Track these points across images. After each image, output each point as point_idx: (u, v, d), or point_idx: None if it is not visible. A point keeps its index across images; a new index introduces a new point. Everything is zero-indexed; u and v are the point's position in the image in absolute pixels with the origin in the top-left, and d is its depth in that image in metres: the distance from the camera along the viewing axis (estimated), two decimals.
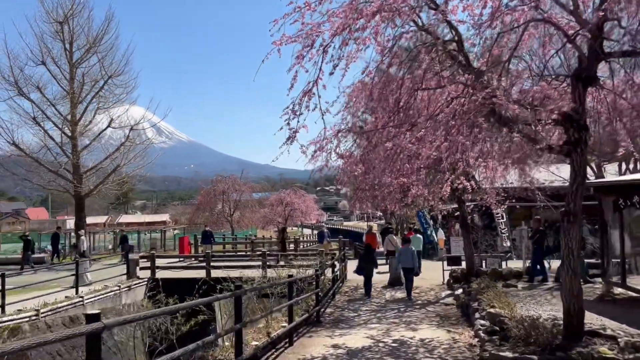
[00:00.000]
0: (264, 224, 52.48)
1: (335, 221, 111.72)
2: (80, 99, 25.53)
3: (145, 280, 18.55)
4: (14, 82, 23.70)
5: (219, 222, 40.90)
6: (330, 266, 15.07)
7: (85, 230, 23.34)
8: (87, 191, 25.38)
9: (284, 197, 50.71)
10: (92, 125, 26.04)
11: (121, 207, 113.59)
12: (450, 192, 13.61)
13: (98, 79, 25.50)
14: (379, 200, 14.76)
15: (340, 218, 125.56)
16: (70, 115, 25.06)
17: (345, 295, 15.55)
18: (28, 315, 12.48)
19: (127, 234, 40.62)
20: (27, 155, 24.14)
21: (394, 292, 15.94)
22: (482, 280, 13.28)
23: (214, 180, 41.65)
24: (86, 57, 25.27)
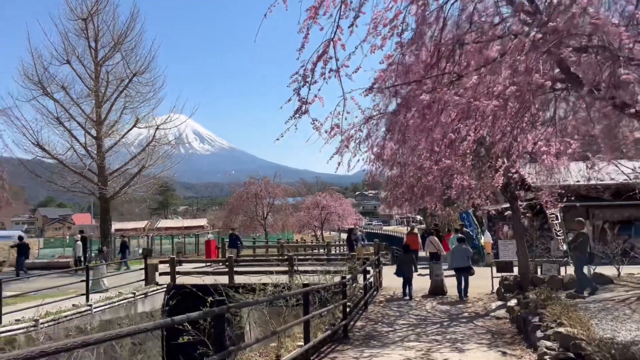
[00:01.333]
0: (299, 227, 51.22)
1: (374, 226, 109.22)
2: (105, 99, 24.72)
3: (164, 287, 17.27)
4: (38, 81, 23.09)
5: (252, 225, 39.68)
6: (362, 272, 13.29)
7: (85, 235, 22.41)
8: (112, 193, 24.50)
9: (319, 201, 49.25)
10: (118, 126, 25.20)
11: (161, 212, 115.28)
12: (502, 186, 11.65)
13: (123, 78, 24.65)
14: (417, 197, 12.90)
15: (379, 223, 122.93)
16: (95, 115, 24.26)
17: (379, 305, 13.72)
18: (25, 326, 11.26)
19: (158, 237, 40.05)
20: (51, 156, 23.46)
21: (435, 302, 14.00)
22: (541, 290, 11.24)
23: (246, 183, 40.49)
24: (111, 55, 24.48)
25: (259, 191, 38.81)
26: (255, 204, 38.82)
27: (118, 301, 14.62)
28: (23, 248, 21.55)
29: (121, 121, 25.25)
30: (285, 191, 42.64)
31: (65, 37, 23.73)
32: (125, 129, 25.52)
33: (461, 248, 14.62)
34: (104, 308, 13.99)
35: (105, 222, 24.45)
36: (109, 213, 24.77)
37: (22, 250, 21.44)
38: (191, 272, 17.86)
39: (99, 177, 24.13)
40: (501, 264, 15.48)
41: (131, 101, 25.34)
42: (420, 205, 14.90)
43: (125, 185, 24.88)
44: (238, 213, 40.10)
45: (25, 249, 21.61)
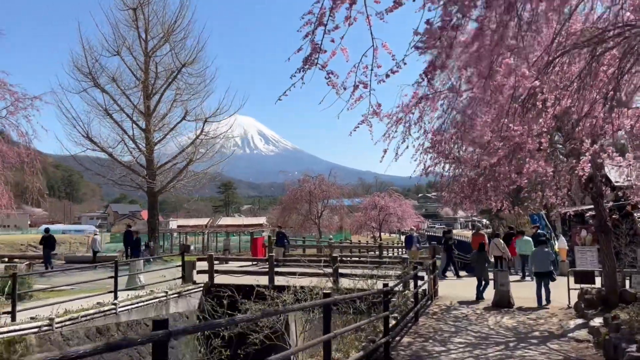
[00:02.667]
0: (356, 228, 49.49)
1: (437, 229, 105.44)
2: (155, 91, 24.21)
3: (201, 286, 16.20)
4: (89, 72, 22.87)
5: (306, 225, 38.39)
6: (412, 278, 11.50)
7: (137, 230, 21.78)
8: (159, 187, 23.94)
9: (377, 201, 47.24)
10: (167, 119, 24.63)
11: (223, 211, 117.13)
12: (586, 180, 9.53)
13: (172, 69, 24.05)
14: (480, 191, 10.94)
15: (442, 226, 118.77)
16: (143, 107, 23.80)
17: (432, 317, 11.85)
18: (37, 325, 10.35)
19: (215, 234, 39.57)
20: (101, 149, 23.20)
21: (499, 316, 11.95)
22: (636, 309, 9.04)
23: (300, 180, 39.25)
24: (160, 46, 23.95)
25: (312, 189, 37.46)
26: (310, 203, 37.48)
27: (147, 300, 13.60)
28: (49, 241, 21.27)
29: (171, 114, 24.70)
30: (340, 190, 40.98)
31: (116, 27, 23.49)
32: (175, 122, 24.91)
33: (542, 251, 13.47)
34: (132, 307, 13.00)
35: (153, 217, 23.94)
36: (157, 207, 24.26)
37: (49, 243, 21.16)
38: (230, 271, 16.70)
39: (147, 171, 23.64)
40: (580, 274, 13.16)
41: (181, 93, 24.71)
42: (483, 203, 12.86)
43: (172, 180, 24.29)
44: (292, 212, 38.94)
45: (52, 242, 21.32)
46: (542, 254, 13.42)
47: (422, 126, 10.46)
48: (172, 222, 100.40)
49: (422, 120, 10.33)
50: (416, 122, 10.35)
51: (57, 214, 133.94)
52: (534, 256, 13.90)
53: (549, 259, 13.40)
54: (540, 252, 13.52)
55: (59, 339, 10.62)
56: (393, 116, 10.39)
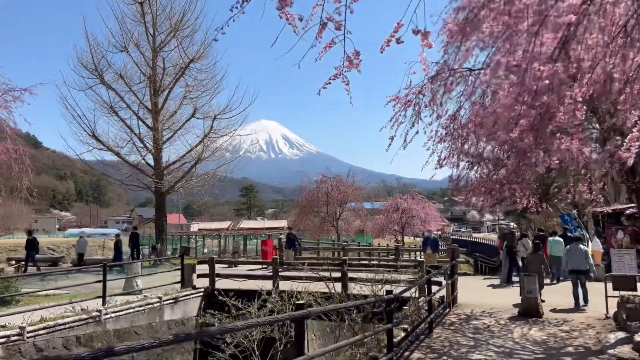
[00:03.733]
0: (378, 231, 47.98)
1: (463, 232, 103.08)
2: (163, 87, 23.36)
3: (201, 291, 15.11)
4: (95, 69, 22.14)
5: (324, 227, 37.12)
6: (426, 284, 10.14)
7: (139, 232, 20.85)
8: (167, 188, 23.05)
9: (400, 203, 45.63)
10: (177, 116, 23.73)
11: (245, 214, 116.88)
12: (627, 170, 8.07)
13: (181, 65, 23.16)
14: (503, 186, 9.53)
15: (468, 229, 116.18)
16: (151, 105, 22.96)
17: (449, 328, 10.45)
18: (6, 334, 9.34)
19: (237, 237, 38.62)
20: (107, 148, 22.43)
21: (527, 327, 10.48)
22: None
23: (318, 181, 38.01)
24: (167, 41, 23.09)
25: (330, 190, 36.17)
26: (327, 204, 36.21)
27: (139, 306, 12.54)
28: (31, 244, 20.50)
29: (180, 111, 23.81)
30: (359, 191, 39.54)
31: (123, 22, 22.72)
32: (184, 120, 23.98)
33: (577, 248, 12.67)
34: (120, 314, 11.95)
35: (161, 218, 23.04)
36: (164, 208, 23.37)
37: (32, 246, 20.39)
38: (232, 275, 15.55)
39: (155, 170, 22.77)
40: (620, 280, 11.58)
41: (190, 90, 23.81)
42: (507, 200, 11.40)
43: (180, 179, 23.36)
44: (309, 214, 37.73)
45: (34, 245, 20.55)
46: (577, 250, 12.59)
47: (435, 110, 9.11)
48: (193, 225, 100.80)
49: (435, 103, 8.99)
50: (428, 104, 9.02)
51: (84, 218, 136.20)
52: (569, 253, 12.99)
53: (585, 256, 12.52)
54: (575, 249, 12.69)
55: (31, 350, 9.61)
56: (401, 100, 9.11)
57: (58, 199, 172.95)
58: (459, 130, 9.05)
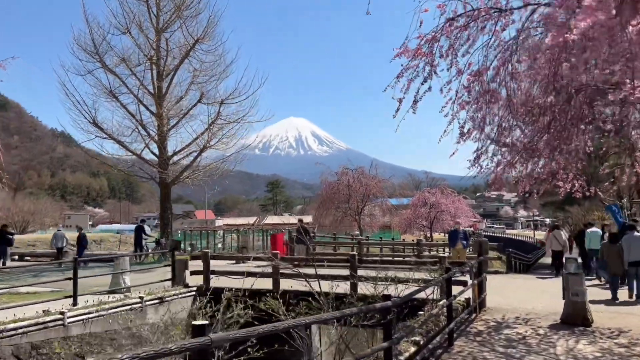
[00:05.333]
0: (405, 226, 45.78)
1: (496, 229, 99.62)
2: (167, 71, 21.85)
3: (193, 290, 13.47)
4: (95, 52, 20.76)
5: (345, 222, 35.19)
6: (445, 284, 8.16)
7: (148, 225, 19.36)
8: (172, 178, 21.53)
9: (428, 197, 43.30)
10: (183, 102, 22.19)
11: (271, 210, 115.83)
12: None
13: (187, 46, 21.60)
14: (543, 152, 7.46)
15: (501, 226, 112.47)
16: (155, 89, 21.47)
17: (475, 340, 8.42)
18: None
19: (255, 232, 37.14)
20: (108, 136, 21.04)
21: (572, 339, 8.38)
22: None
23: (338, 173, 36.05)
24: (172, 21, 21.53)
25: (351, 183, 34.18)
26: (348, 197, 34.22)
27: (114, 308, 10.93)
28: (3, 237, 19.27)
29: (187, 97, 22.24)
30: (382, 183, 37.38)
31: (124, 1, 21.18)
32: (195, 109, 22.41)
33: (634, 236, 11.55)
34: (90, 317, 10.35)
35: (166, 211, 21.57)
36: (170, 200, 21.87)
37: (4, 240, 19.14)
38: (229, 272, 13.84)
39: (159, 160, 21.30)
40: None
41: (198, 75, 22.21)
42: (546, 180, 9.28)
43: (186, 168, 21.81)
44: (330, 208, 35.82)
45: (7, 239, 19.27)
46: (635, 239, 11.50)
47: (453, 62, 7.11)
48: (218, 221, 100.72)
49: (454, 52, 7.00)
50: (444, 55, 7.04)
51: (117, 215, 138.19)
52: (628, 242, 11.73)
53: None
54: (632, 238, 11.58)
55: None
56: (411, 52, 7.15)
57: (92, 196, 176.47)
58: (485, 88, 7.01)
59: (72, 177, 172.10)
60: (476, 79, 7.16)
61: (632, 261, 11.52)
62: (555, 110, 7.56)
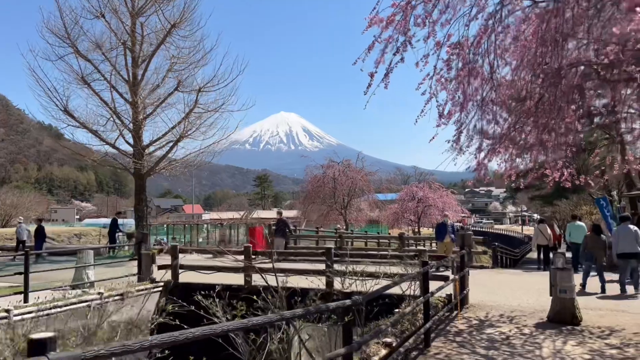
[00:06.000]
0: (393, 221, 45.24)
1: (485, 224, 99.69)
2: (143, 57, 20.88)
3: (160, 285, 12.68)
4: (67, 36, 19.74)
5: (331, 216, 34.49)
6: (422, 280, 7.46)
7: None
8: (147, 169, 20.62)
9: (416, 191, 42.75)
10: (160, 90, 21.22)
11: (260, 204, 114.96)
12: None
13: (163, 31, 20.64)
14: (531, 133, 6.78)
15: (490, 221, 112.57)
16: (129, 76, 20.52)
17: (454, 341, 7.73)
18: None
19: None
20: (81, 124, 20.06)
21: (560, 339, 7.72)
22: None
23: (324, 166, 35.31)
24: (148, 5, 20.53)
25: (337, 176, 33.44)
26: (334, 190, 33.50)
27: (67, 305, 10.12)
28: None
29: (164, 85, 21.28)
30: (369, 176, 36.71)
31: None
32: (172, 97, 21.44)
33: (627, 228, 11.38)
34: (41, 315, 9.54)
35: (141, 203, 20.66)
36: (145, 192, 20.94)
37: None
38: (198, 267, 13.06)
39: (134, 149, 20.37)
40: None
41: (176, 62, 21.27)
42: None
43: (162, 159, 20.90)
44: (315, 201, 35.08)
45: None
46: (627, 231, 11.28)
47: (431, 33, 6.36)
48: (205, 215, 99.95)
49: (432, 23, 6.25)
50: (421, 24, 6.29)
51: (104, 209, 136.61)
52: (618, 234, 11.66)
53: (636, 237, 11.14)
54: (622, 230, 11.46)
55: None
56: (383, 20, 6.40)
57: (79, 190, 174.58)
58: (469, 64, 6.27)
59: (59, 171, 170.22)
60: (456, 51, 6.44)
61: (620, 253, 11.38)
62: (544, 88, 6.86)
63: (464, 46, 6.38)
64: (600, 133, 25.26)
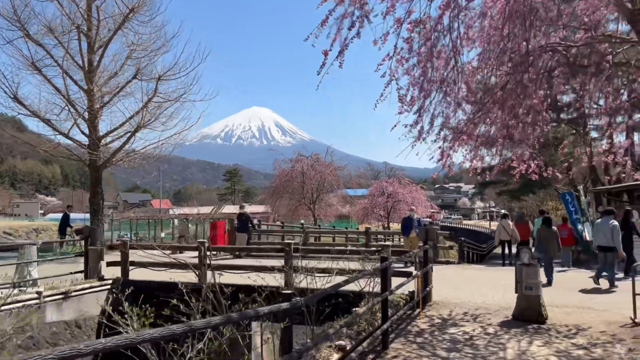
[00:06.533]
0: (362, 216, 44.98)
1: (454, 219, 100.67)
2: (99, 43, 19.81)
3: (108, 283, 11.88)
4: (16, 18, 18.55)
5: (299, 211, 33.90)
6: (380, 275, 6.95)
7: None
8: (103, 160, 19.61)
9: (386, 187, 42.54)
10: (118, 78, 20.19)
11: (229, 199, 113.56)
12: None
13: (121, 15, 19.60)
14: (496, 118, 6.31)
15: (459, 217, 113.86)
16: (84, 62, 19.45)
17: (414, 342, 7.24)
18: None
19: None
20: (32, 113, 18.91)
21: (525, 339, 7.31)
22: None
23: (293, 160, 34.66)
24: None
25: (305, 170, 32.84)
26: (303, 185, 32.89)
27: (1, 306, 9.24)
28: None
29: (122, 72, 20.24)
30: (338, 171, 36.21)
31: None
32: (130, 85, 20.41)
33: (606, 222, 11.45)
34: None
35: (96, 196, 19.65)
36: (101, 185, 19.93)
37: None
38: (150, 264, 12.28)
39: (90, 140, 19.33)
40: None
41: (135, 49, 20.27)
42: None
43: (119, 150, 19.91)
44: (283, 196, 34.42)
45: None
46: (605, 225, 11.38)
47: (389, 9, 5.80)
48: (172, 210, 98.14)
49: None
50: None
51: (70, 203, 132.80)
52: (597, 228, 12.00)
53: (612, 232, 11.21)
54: (603, 223, 11.53)
55: None
56: None
57: (44, 184, 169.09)
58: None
59: (22, 164, 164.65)
60: (418, 29, 5.91)
61: (597, 245, 11.75)
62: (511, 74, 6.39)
63: (426, 24, 5.87)
64: (567, 129, 25.41)
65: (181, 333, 2.55)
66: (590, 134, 23.87)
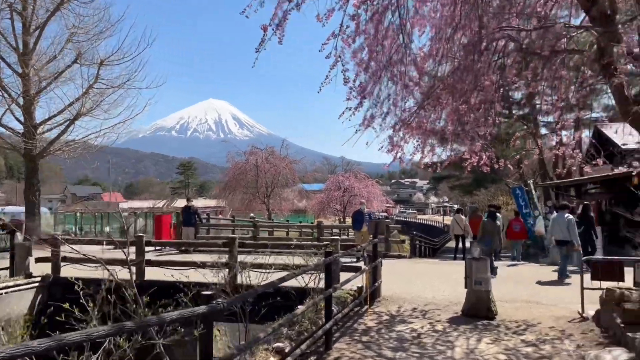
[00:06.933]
0: (318, 210, 44.70)
1: (408, 214, 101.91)
2: (37, 24, 18.57)
3: (37, 281, 10.98)
4: None
5: (253, 205, 33.20)
6: (323, 270, 6.51)
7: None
8: (40, 150, 18.41)
9: (342, 181, 42.39)
10: (57, 63, 18.98)
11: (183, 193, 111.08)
12: None
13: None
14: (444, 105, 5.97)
15: (413, 211, 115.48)
16: (18, 44, 18.18)
17: (360, 341, 6.84)
18: None
19: None
20: None
21: (474, 337, 7.05)
22: None
23: (247, 153, 33.89)
24: None
25: (259, 163, 32.13)
26: (257, 178, 32.17)
27: None
28: None
29: (61, 57, 19.04)
30: (293, 164, 35.67)
31: None
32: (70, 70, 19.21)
33: (562, 217, 11.52)
34: None
35: (31, 188, 18.45)
36: (37, 176, 18.74)
37: None
38: (83, 260, 11.43)
39: (24, 127, 18.10)
40: (602, 266, 8.32)
41: (76, 32, 19.10)
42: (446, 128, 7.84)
43: (57, 138, 18.76)
44: (236, 189, 33.61)
45: None
46: (561, 219, 11.45)
47: None
48: (122, 204, 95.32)
49: None
50: None
51: (15, 196, 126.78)
52: (553, 222, 12.17)
53: (567, 226, 11.27)
54: (559, 218, 11.62)
55: None
56: None
57: None
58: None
59: None
60: (365, 6, 5.46)
61: (555, 240, 11.95)
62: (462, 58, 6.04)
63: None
64: (519, 125, 25.79)
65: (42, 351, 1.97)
66: (540, 130, 24.37)
